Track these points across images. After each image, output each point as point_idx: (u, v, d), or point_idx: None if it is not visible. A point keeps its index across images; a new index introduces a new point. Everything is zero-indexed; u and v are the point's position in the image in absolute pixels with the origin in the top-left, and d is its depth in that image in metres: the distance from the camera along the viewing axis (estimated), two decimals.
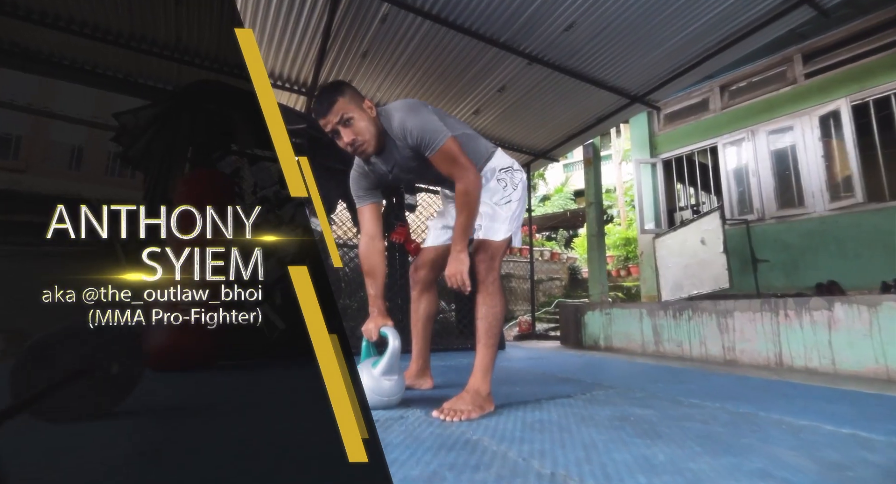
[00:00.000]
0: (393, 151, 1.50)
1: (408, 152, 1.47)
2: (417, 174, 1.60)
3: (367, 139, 1.41)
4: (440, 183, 1.75)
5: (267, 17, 3.18)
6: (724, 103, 5.34)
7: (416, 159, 1.48)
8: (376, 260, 1.64)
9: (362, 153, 1.44)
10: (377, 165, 1.57)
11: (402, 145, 1.45)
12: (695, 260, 4.77)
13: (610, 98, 4.37)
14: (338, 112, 1.37)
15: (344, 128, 1.38)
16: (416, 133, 1.40)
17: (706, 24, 3.37)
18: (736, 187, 5.15)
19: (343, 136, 1.39)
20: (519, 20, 3.26)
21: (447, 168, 1.43)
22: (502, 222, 1.54)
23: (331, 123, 1.38)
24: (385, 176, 1.60)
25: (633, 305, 3.90)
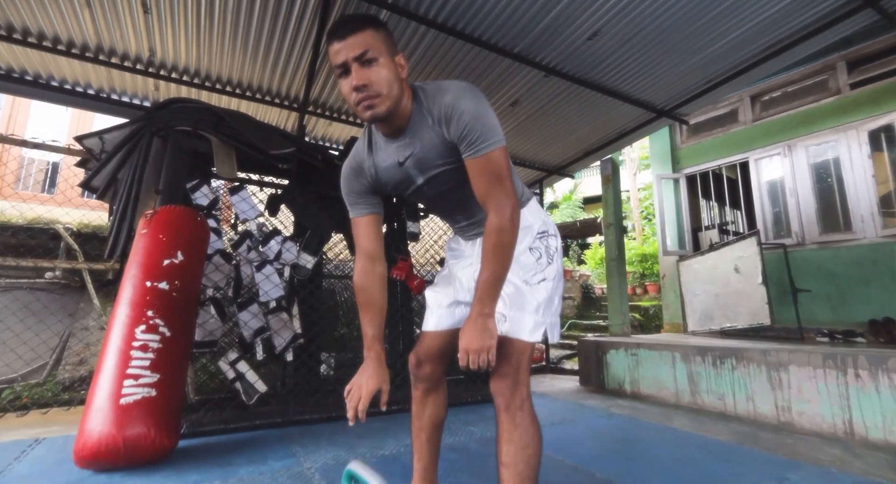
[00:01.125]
0: (418, 134, 1.11)
1: (439, 140, 1.09)
2: (436, 181, 1.17)
3: (383, 93, 1.02)
4: (453, 209, 1.30)
5: (249, 29, 2.79)
6: (755, 115, 4.89)
7: (447, 156, 1.11)
8: (375, 289, 1.23)
9: (368, 108, 1.03)
10: (385, 153, 1.17)
11: (438, 131, 1.08)
12: (727, 289, 4.31)
13: (634, 112, 3.95)
14: (361, 44, 1.00)
15: (360, 67, 1.00)
16: (469, 119, 1.03)
17: (751, 30, 2.94)
18: (771, 207, 4.68)
19: (354, 77, 1.01)
20: (535, 29, 2.86)
21: (485, 184, 1.05)
22: (533, 312, 1.13)
23: (344, 55, 1.00)
24: (389, 173, 1.17)
25: (664, 346, 3.46)
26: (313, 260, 2.96)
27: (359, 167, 1.22)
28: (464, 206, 1.25)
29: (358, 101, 1.03)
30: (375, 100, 1.02)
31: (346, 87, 1.03)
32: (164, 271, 2.00)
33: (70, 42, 2.81)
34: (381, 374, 1.13)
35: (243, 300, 2.59)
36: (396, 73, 1.06)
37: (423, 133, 1.10)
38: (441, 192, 1.21)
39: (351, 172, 1.23)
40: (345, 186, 1.25)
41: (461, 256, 1.40)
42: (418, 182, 1.17)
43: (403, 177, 1.17)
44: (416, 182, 1.17)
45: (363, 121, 1.09)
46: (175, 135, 2.76)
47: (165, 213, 2.19)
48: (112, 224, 2.68)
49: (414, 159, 1.13)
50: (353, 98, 1.03)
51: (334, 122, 3.91)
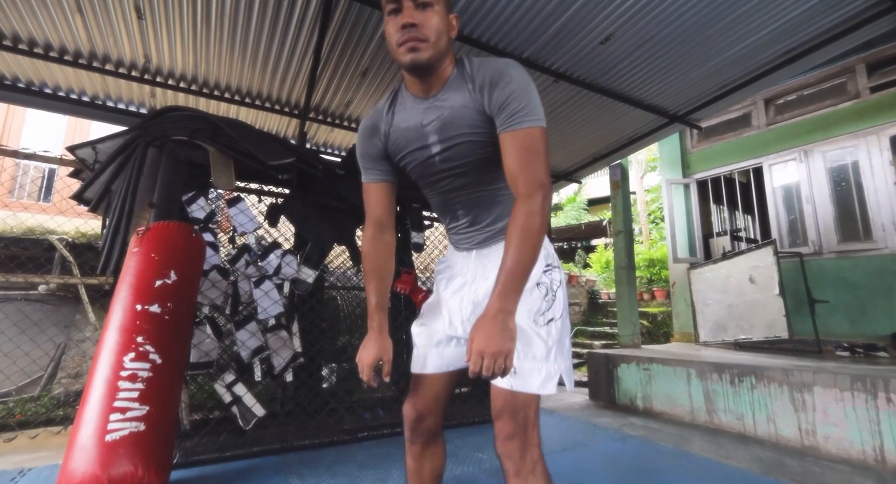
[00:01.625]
0: (451, 99, 1.04)
1: (473, 107, 1.02)
2: (454, 151, 1.07)
3: (430, 40, 0.98)
4: (459, 199, 1.15)
5: (248, 35, 2.69)
6: (770, 119, 4.75)
7: (475, 126, 1.03)
8: (383, 256, 1.21)
9: (411, 50, 0.98)
10: (408, 113, 1.09)
11: (476, 98, 1.01)
12: (742, 300, 4.18)
13: (645, 117, 3.82)
14: None
15: (414, 8, 0.97)
16: (516, 88, 0.96)
17: (770, 33, 2.81)
18: (786, 215, 4.54)
19: (405, 14, 0.97)
20: (545, 34, 2.74)
21: (520, 159, 0.95)
22: (544, 359, 0.99)
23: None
24: (406, 134, 1.10)
25: (678, 361, 3.33)
26: (314, 274, 2.84)
27: (374, 127, 1.15)
28: (472, 196, 1.12)
29: (402, 42, 0.97)
30: (421, 43, 0.97)
31: (393, 26, 0.99)
32: (156, 293, 1.89)
33: (62, 49, 2.71)
34: (382, 344, 1.10)
35: (241, 318, 2.48)
36: (447, 27, 1.02)
37: (457, 97, 1.03)
38: (453, 169, 1.09)
39: (365, 132, 1.17)
40: (358, 148, 1.20)
41: (453, 276, 1.22)
42: (434, 150, 1.08)
43: (420, 141, 1.09)
44: (432, 150, 1.08)
45: (403, 65, 1.02)
46: (171, 145, 2.65)
47: (158, 230, 2.08)
48: (105, 238, 2.58)
49: (439, 122, 1.05)
50: (398, 37, 0.98)
51: (336, 128, 3.80)
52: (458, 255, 1.23)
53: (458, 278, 1.20)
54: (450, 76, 1.06)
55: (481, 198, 1.11)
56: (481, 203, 1.12)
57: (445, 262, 1.30)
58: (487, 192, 1.11)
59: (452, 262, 1.25)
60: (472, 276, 1.16)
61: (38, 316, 3.78)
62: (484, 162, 1.06)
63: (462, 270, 1.20)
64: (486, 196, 1.12)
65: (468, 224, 1.17)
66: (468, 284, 1.17)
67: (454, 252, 1.25)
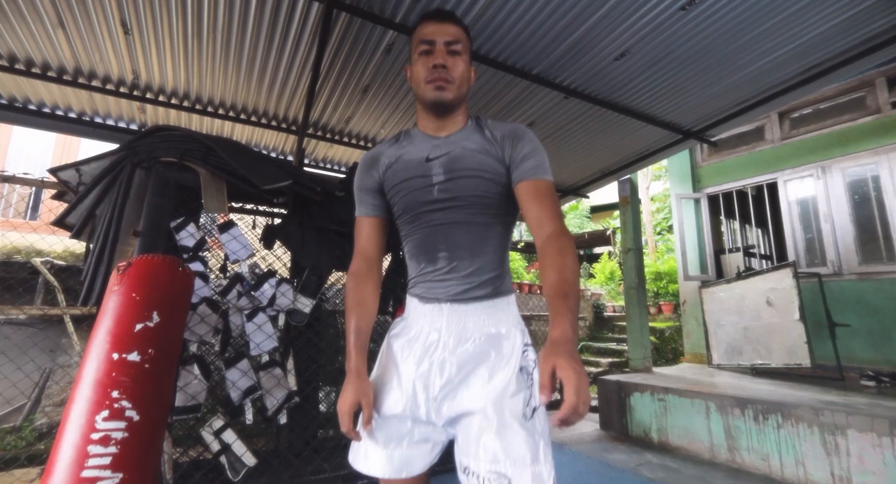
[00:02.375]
0: (464, 140, 1.09)
1: (487, 151, 1.07)
2: (458, 183, 1.06)
3: (456, 82, 1.07)
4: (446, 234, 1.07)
5: (242, 50, 2.53)
6: (784, 133, 4.59)
7: (485, 166, 1.06)
8: (367, 292, 1.12)
9: (438, 88, 1.06)
10: (415, 147, 1.12)
11: (493, 146, 1.08)
12: (758, 323, 4.00)
13: (658, 133, 3.66)
14: (455, 34, 1.08)
15: (446, 52, 1.07)
16: (535, 147, 1.07)
17: (793, 51, 2.65)
18: (802, 233, 4.38)
19: (438, 56, 1.06)
20: (557, 50, 2.58)
21: (545, 204, 1.01)
22: (540, 460, 0.89)
23: (437, 36, 1.06)
24: (408, 165, 1.10)
25: (696, 393, 3.15)
26: (311, 303, 2.67)
27: (374, 158, 1.17)
28: (460, 234, 1.06)
29: (432, 79, 1.05)
30: (448, 84, 1.06)
31: (423, 65, 1.06)
32: (136, 339, 1.72)
33: (45, 65, 2.56)
34: (360, 387, 1.00)
35: (231, 356, 2.31)
36: (469, 76, 1.11)
37: (473, 140, 1.09)
38: (449, 200, 1.06)
39: (365, 164, 1.18)
40: (356, 180, 1.19)
41: (414, 340, 1.05)
42: (434, 180, 1.07)
43: (421, 171, 1.08)
44: (433, 180, 1.07)
45: (426, 101, 1.08)
46: (159, 167, 2.49)
47: (141, 266, 1.90)
48: (87, 267, 2.41)
49: (448, 158, 1.08)
50: (427, 75, 1.06)
51: (336, 144, 3.64)
52: (422, 309, 1.07)
53: (421, 341, 1.04)
54: (465, 124, 1.13)
55: (469, 238, 1.06)
56: (468, 245, 1.06)
57: (402, 323, 1.13)
58: (477, 232, 1.07)
59: (413, 321, 1.09)
60: (444, 337, 1.02)
61: (23, 340, 3.60)
62: (483, 199, 1.06)
63: (427, 330, 1.05)
64: (474, 237, 1.07)
65: (447, 269, 1.06)
66: (437, 349, 1.02)
67: (418, 307, 1.09)
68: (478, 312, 1.03)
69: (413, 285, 1.13)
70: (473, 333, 1.02)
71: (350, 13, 2.25)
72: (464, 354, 1.00)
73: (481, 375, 0.98)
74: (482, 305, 1.04)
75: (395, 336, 1.12)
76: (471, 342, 1.01)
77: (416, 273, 1.12)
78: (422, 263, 1.10)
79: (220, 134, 3.46)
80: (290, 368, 2.46)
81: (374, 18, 2.30)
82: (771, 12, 2.35)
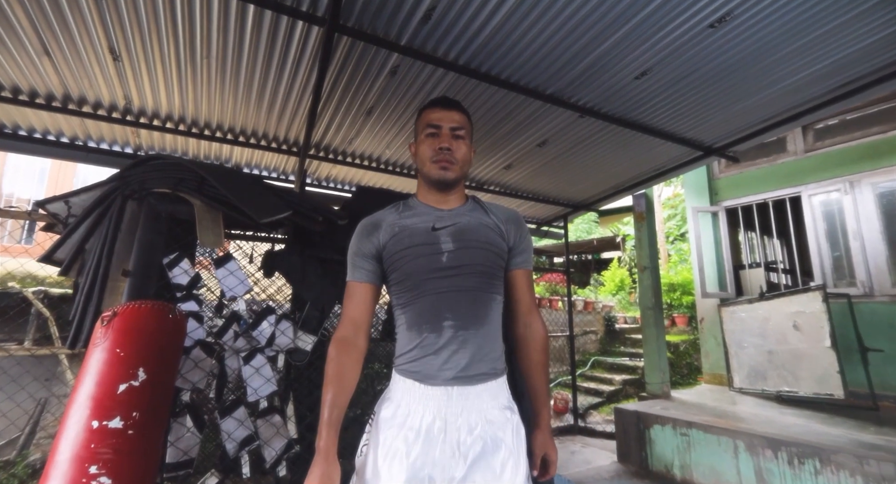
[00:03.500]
0: (469, 215, 1.19)
1: (495, 229, 1.19)
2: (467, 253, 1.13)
3: (458, 163, 1.18)
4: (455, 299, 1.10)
5: (238, 74, 2.39)
6: (808, 145, 4.38)
7: (494, 243, 1.16)
8: (350, 362, 1.10)
9: (443, 168, 1.16)
10: (418, 218, 1.18)
11: (498, 226, 1.20)
12: (784, 348, 3.80)
13: (676, 150, 3.48)
14: (460, 121, 1.20)
15: (451, 136, 1.18)
16: (530, 238, 1.27)
17: (827, 67, 2.47)
18: (829, 251, 4.16)
19: (444, 139, 1.17)
20: (572, 71, 2.42)
21: (531, 296, 1.23)
22: None
23: (443, 121, 1.18)
24: (414, 234, 1.14)
25: (722, 430, 2.95)
26: (313, 340, 2.52)
27: (375, 224, 1.19)
28: (468, 301, 1.09)
29: (437, 159, 1.15)
30: (451, 164, 1.16)
31: (429, 146, 1.17)
32: (119, 402, 1.57)
33: (32, 92, 2.43)
34: (326, 471, 0.95)
35: (227, 404, 2.16)
36: (470, 157, 1.22)
37: (477, 215, 1.19)
38: (459, 268, 1.10)
39: (364, 229, 1.20)
40: (353, 245, 1.21)
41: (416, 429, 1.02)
42: (444, 248, 1.12)
43: (428, 240, 1.13)
44: (442, 248, 1.12)
45: (431, 178, 1.17)
46: (151, 199, 2.35)
47: (127, 316, 1.76)
48: (76, 307, 2.27)
49: (455, 228, 1.14)
50: (433, 155, 1.16)
51: (339, 165, 3.49)
52: (424, 393, 1.05)
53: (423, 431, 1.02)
54: (466, 201, 1.24)
55: (475, 307, 1.10)
56: (474, 314, 1.09)
57: (393, 407, 1.08)
58: (482, 302, 1.11)
59: (412, 407, 1.05)
60: (451, 427, 1.02)
61: (17, 370, 3.47)
62: (489, 270, 1.13)
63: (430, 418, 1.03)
64: (479, 306, 1.10)
65: (453, 340, 1.06)
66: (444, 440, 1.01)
67: (416, 389, 1.06)
68: (483, 395, 1.06)
69: (409, 362, 1.09)
70: (479, 420, 1.04)
71: (352, 37, 2.10)
72: (473, 445, 1.01)
73: (493, 468, 1.01)
74: (487, 387, 1.07)
75: (388, 423, 1.06)
76: (479, 428, 1.03)
77: (416, 345, 1.08)
78: (424, 332, 1.08)
79: (220, 157, 3.32)
80: (290, 414, 2.31)
81: (377, 41, 2.14)
82: (807, 29, 2.16)
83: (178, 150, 3.18)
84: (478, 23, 2.05)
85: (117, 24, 2.00)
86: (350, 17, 2.03)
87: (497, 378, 1.10)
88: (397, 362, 1.13)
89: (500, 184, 4.09)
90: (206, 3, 1.94)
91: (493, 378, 1.09)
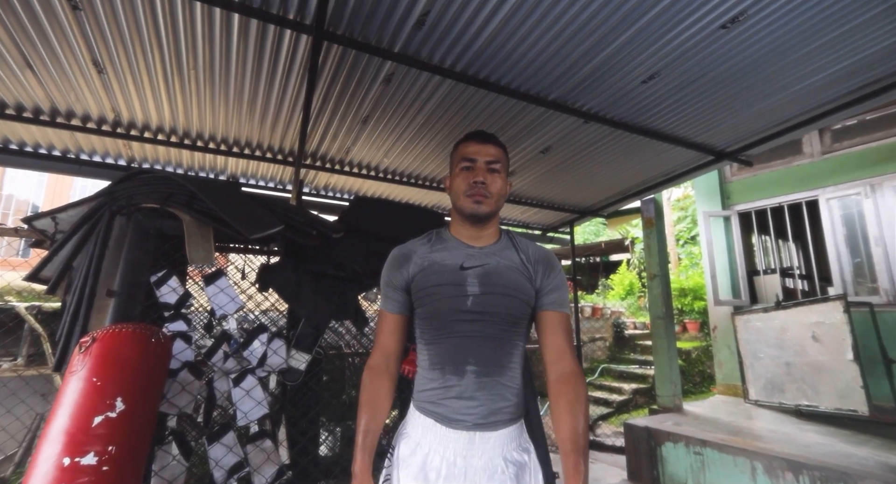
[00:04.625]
0: (499, 254, 1.17)
1: (522, 272, 1.15)
2: (491, 299, 1.10)
3: (493, 197, 1.15)
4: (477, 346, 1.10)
5: (227, 85, 2.31)
6: (825, 146, 4.21)
7: (519, 288, 1.13)
8: (383, 389, 1.14)
9: (477, 202, 1.14)
10: (449, 252, 1.17)
11: (527, 268, 1.16)
12: (803, 360, 3.63)
13: (687, 155, 3.34)
14: (496, 155, 1.17)
15: (487, 170, 1.15)
16: (563, 280, 1.19)
17: (847, 67, 2.32)
18: (849, 257, 3.98)
19: (479, 173, 1.14)
20: (575, 76, 2.30)
21: (566, 337, 1.13)
22: None
23: (479, 155, 1.15)
24: (442, 271, 1.13)
25: (739, 450, 2.81)
26: (307, 359, 2.42)
27: (406, 256, 1.19)
28: (490, 347, 1.09)
29: (472, 193, 1.13)
30: (485, 198, 1.14)
31: (463, 179, 1.15)
32: (94, 436, 1.48)
33: (18, 106, 2.37)
34: None
35: (216, 429, 2.07)
36: (506, 191, 1.19)
37: (507, 256, 1.17)
38: (482, 314, 1.09)
39: (395, 261, 1.20)
40: (384, 274, 1.22)
41: (437, 469, 1.05)
42: (469, 291, 1.11)
43: (455, 280, 1.12)
44: (468, 290, 1.11)
45: (465, 212, 1.15)
46: (138, 215, 2.27)
47: (107, 342, 1.68)
48: (62, 327, 2.20)
49: (483, 270, 1.13)
50: (467, 189, 1.14)
51: (336, 174, 3.41)
52: (445, 434, 1.07)
53: (444, 472, 1.05)
54: (499, 238, 1.21)
55: (499, 354, 1.10)
56: (497, 361, 1.09)
57: (413, 440, 1.11)
58: (506, 349, 1.11)
59: (431, 446, 1.07)
60: (470, 470, 1.04)
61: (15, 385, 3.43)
62: (514, 317, 1.11)
63: (451, 459, 1.05)
64: (503, 354, 1.10)
65: (476, 386, 1.07)
66: (469, 474, 1.04)
67: (437, 429, 1.07)
68: (503, 440, 1.07)
69: (430, 401, 1.10)
70: (499, 465, 1.06)
71: (342, 44, 2.01)
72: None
73: None
74: (507, 433, 1.08)
75: (407, 461, 1.09)
76: (498, 471, 1.05)
77: (438, 386, 1.09)
78: (447, 374, 1.09)
79: (215, 168, 3.25)
80: (282, 438, 2.21)
81: (370, 49, 2.05)
82: (826, 28, 2.03)
83: (171, 162, 3.12)
84: (474, 28, 1.94)
85: (99, 36, 1.93)
86: (339, 25, 1.94)
87: (516, 423, 1.11)
88: (417, 398, 1.14)
89: None
90: (189, 14, 1.85)
91: (513, 423, 1.10)
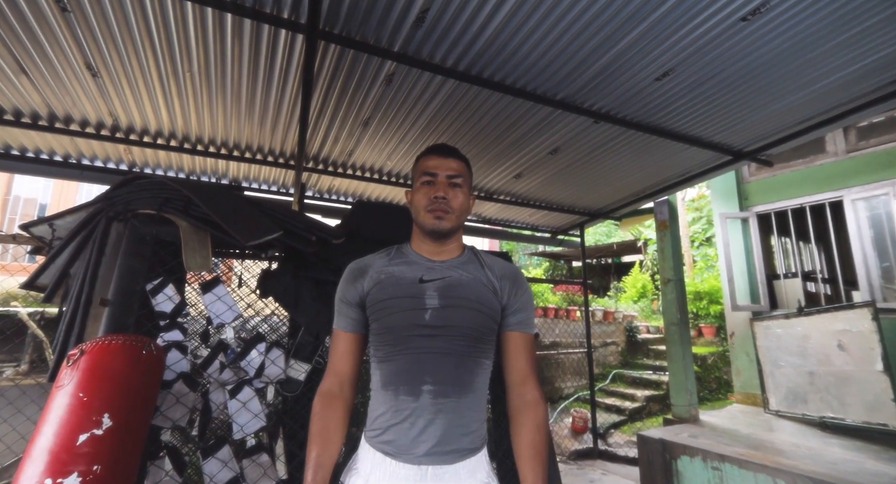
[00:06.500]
0: (461, 268, 1.09)
1: (487, 286, 1.08)
2: (451, 313, 1.02)
3: (454, 212, 1.09)
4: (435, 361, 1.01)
5: (224, 88, 2.25)
6: (850, 144, 4.01)
7: (483, 302, 1.05)
8: (336, 417, 1.04)
9: (437, 218, 1.07)
10: (408, 266, 1.09)
11: (492, 282, 1.08)
12: (827, 369, 3.45)
13: (703, 155, 3.20)
14: (457, 169, 1.11)
15: (447, 185, 1.09)
16: (530, 299, 1.13)
17: (873, 64, 2.18)
18: (877, 261, 3.79)
19: (439, 188, 1.08)
20: (584, 75, 2.19)
21: (529, 361, 1.08)
22: None
23: (440, 169, 1.09)
24: (399, 283, 1.06)
25: (760, 466, 2.66)
26: (307, 369, 2.35)
27: (361, 270, 1.12)
28: (449, 365, 1.00)
29: (432, 208, 1.08)
30: (446, 213, 1.08)
31: (423, 194, 1.09)
32: (78, 455, 1.42)
33: (16, 111, 2.35)
34: None
35: (210, 444, 2.01)
36: (468, 206, 1.14)
37: (470, 270, 1.10)
38: (441, 329, 1.01)
39: (349, 275, 1.13)
40: (339, 289, 1.15)
41: None
42: (428, 304, 1.03)
43: (413, 293, 1.05)
44: (426, 303, 1.03)
45: (425, 228, 1.09)
46: (134, 221, 2.22)
47: (95, 355, 1.62)
48: (58, 336, 2.16)
49: (443, 282, 1.06)
50: (427, 204, 1.08)
51: (338, 177, 3.34)
52: (394, 471, 0.95)
53: None
54: (462, 252, 1.15)
55: (459, 372, 1.00)
56: (457, 380, 1.00)
57: (361, 477, 0.99)
58: (466, 366, 1.02)
59: (380, 482, 0.96)
60: None
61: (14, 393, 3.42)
62: (476, 332, 1.03)
63: None
64: (463, 372, 1.01)
65: (431, 408, 0.97)
66: None
67: (387, 465, 0.96)
68: (460, 474, 0.96)
69: (380, 431, 0.99)
70: None
71: (340, 44, 1.93)
72: None
73: None
74: (465, 465, 0.97)
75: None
76: None
77: (389, 408, 0.99)
78: (400, 395, 0.99)
79: (216, 172, 3.21)
80: (280, 452, 2.14)
81: (368, 49, 1.97)
82: (851, 21, 1.89)
83: (173, 167, 3.08)
84: (476, 25, 1.85)
85: (90, 38, 1.88)
86: (336, 24, 1.86)
87: (476, 453, 1.01)
88: (367, 428, 1.04)
89: (510, 193, 3.87)
90: (181, 14, 1.79)
91: (473, 454, 1.00)
